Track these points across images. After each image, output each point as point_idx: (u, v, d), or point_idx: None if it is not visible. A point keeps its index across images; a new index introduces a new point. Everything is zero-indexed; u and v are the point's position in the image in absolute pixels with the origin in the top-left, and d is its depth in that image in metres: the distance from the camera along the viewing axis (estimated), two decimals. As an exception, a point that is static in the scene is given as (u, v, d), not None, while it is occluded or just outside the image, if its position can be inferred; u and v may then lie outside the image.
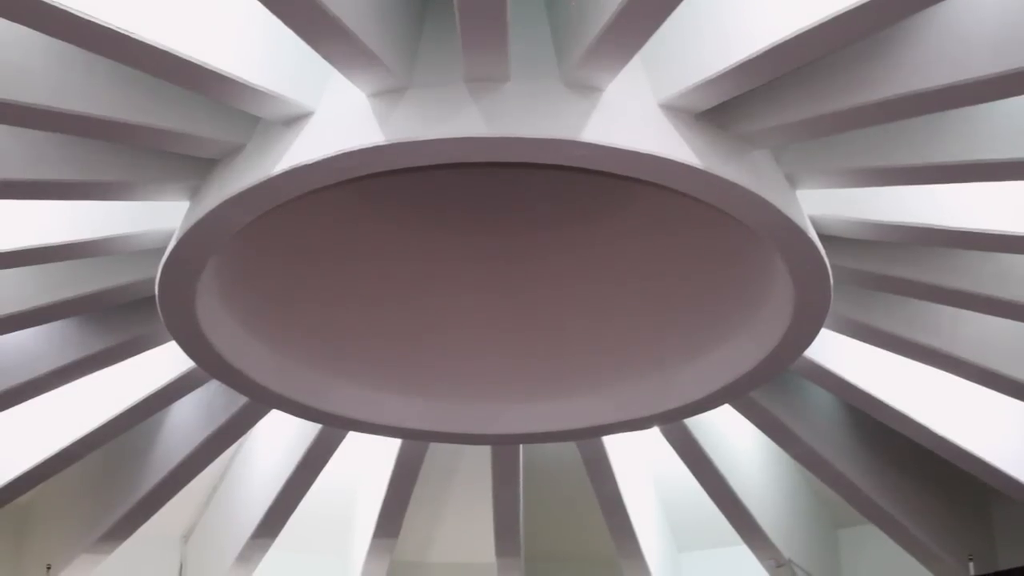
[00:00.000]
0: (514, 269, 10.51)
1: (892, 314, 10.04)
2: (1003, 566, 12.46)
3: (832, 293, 9.10)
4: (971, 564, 12.21)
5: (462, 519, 14.18)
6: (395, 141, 7.47)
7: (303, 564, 14.09)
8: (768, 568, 13.02)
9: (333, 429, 11.49)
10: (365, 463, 13.23)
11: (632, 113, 7.63)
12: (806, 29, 6.76)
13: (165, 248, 8.74)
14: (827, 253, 8.72)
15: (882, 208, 8.85)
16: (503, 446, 11.86)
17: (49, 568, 12.41)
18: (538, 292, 10.59)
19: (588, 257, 10.47)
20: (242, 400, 11.02)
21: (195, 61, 7.07)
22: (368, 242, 10.25)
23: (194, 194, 8.62)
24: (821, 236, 8.77)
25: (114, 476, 12.30)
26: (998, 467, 11.15)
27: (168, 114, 7.81)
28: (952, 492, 12.59)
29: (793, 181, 8.55)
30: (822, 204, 8.91)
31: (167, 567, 13.90)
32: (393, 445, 12.12)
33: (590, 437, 11.66)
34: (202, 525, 13.85)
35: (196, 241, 8.47)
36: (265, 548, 12.88)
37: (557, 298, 10.63)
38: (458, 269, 10.48)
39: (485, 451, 12.11)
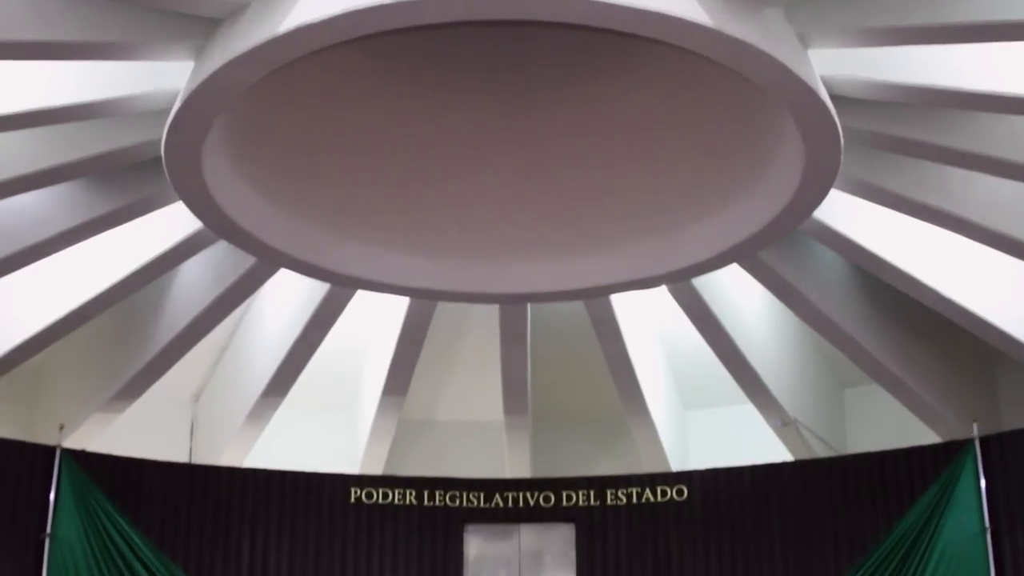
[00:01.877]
0: (522, 130, 10.43)
1: (902, 175, 9.98)
2: (1007, 427, 12.57)
3: (842, 154, 9.03)
4: (975, 425, 12.32)
5: (470, 377, 14.28)
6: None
7: (313, 422, 14.23)
8: (773, 427, 13.13)
9: (341, 288, 11.51)
10: (374, 322, 13.27)
11: (640, -29, 7.51)
12: None
13: (170, 109, 8.68)
14: (838, 113, 8.64)
15: (895, 69, 8.75)
16: (511, 305, 11.89)
17: (62, 428, 12.55)
18: (547, 152, 10.52)
19: (596, 116, 10.37)
20: (250, 260, 11.03)
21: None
22: (376, 102, 10.16)
23: (199, 54, 8.53)
24: (833, 96, 8.68)
25: (124, 337, 12.38)
26: (1004, 329, 11.18)
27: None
28: (958, 354, 12.64)
29: (805, 40, 8.43)
30: (834, 64, 8.80)
31: (178, 426, 14.06)
32: (401, 304, 12.16)
33: (598, 296, 11.68)
34: (212, 385, 13.97)
35: (201, 101, 8.40)
36: (275, 407, 12.99)
37: (565, 158, 10.55)
38: (466, 130, 10.40)
39: (493, 310, 12.15)
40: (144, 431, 13.38)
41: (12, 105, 8.77)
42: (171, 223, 10.77)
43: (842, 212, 10.57)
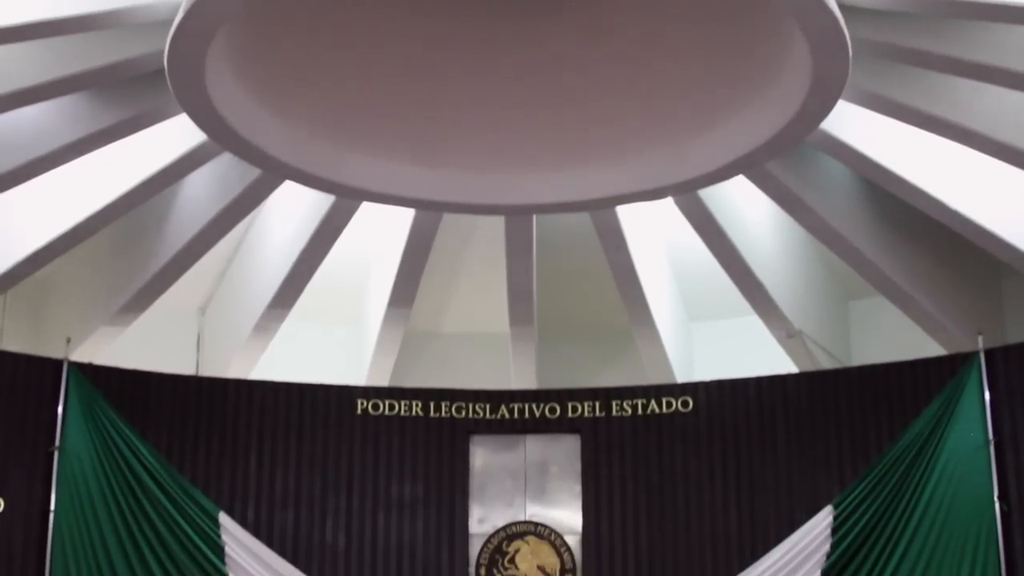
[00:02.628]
0: (527, 41, 10.31)
1: (911, 86, 9.91)
2: (1011, 340, 12.59)
3: (850, 64, 8.95)
4: (980, 338, 12.33)
5: (476, 289, 14.30)
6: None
7: (319, 334, 14.28)
8: (778, 338, 13.15)
9: (346, 200, 11.49)
10: (379, 235, 13.26)
11: None
12: None
13: (173, 19, 8.59)
14: (846, 23, 8.54)
15: (904, -23, 8.67)
16: (517, 216, 11.88)
17: (68, 341, 12.59)
18: (552, 64, 10.41)
19: (602, 27, 10.24)
20: (255, 172, 11.01)
21: None
22: (381, 17, 10.05)
23: (201, -37, 8.43)
24: (841, 6, 8.58)
25: (130, 250, 12.39)
26: (1010, 242, 11.16)
27: None
28: (964, 267, 12.63)
29: (813, -52, 8.33)
30: (842, -27, 8.71)
31: (185, 339, 14.11)
32: (407, 216, 12.14)
33: (604, 208, 11.65)
34: (218, 297, 14.00)
35: (204, 11, 8.30)
36: (281, 319, 13.03)
37: (572, 70, 10.44)
38: (471, 41, 10.28)
39: (499, 222, 12.13)
40: (151, 344, 13.44)
41: (14, 17, 8.70)
42: (175, 136, 10.73)
43: (850, 123, 10.51)
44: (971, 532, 12.09)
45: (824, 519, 12.48)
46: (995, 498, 12.05)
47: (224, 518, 12.66)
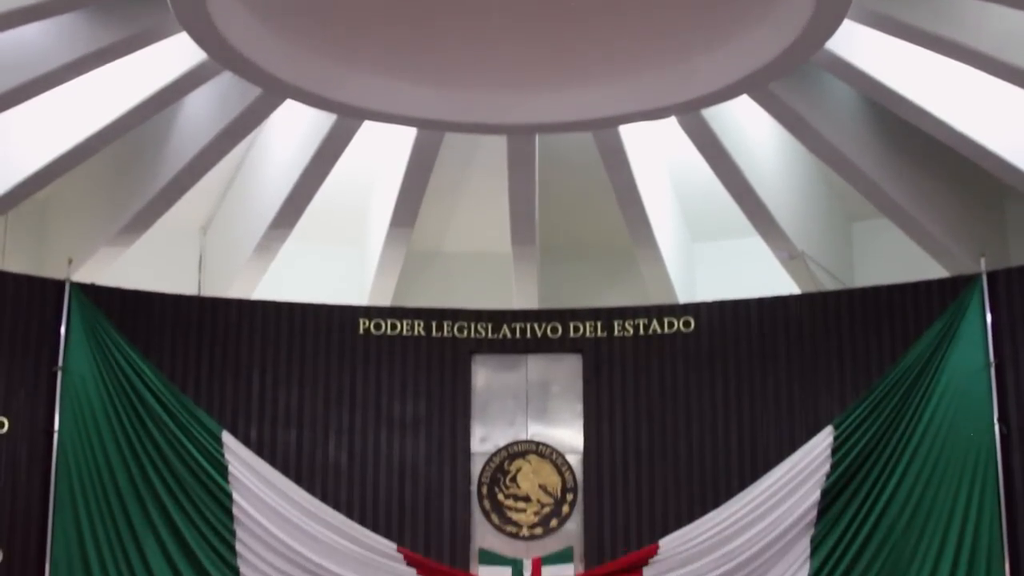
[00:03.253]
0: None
1: (917, 6, 9.82)
2: (1015, 263, 12.57)
3: (857, -17, 8.88)
4: (983, 260, 12.30)
5: (478, 209, 14.26)
6: None
7: (321, 254, 14.28)
8: (781, 260, 13.15)
9: (347, 119, 11.43)
10: (381, 154, 13.21)
11: None
12: None
13: (172, -63, 8.52)
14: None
15: None
16: (519, 136, 11.82)
17: (70, 262, 12.56)
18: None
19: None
20: (255, 91, 10.95)
21: None
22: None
23: None
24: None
25: (131, 170, 12.35)
26: (1014, 164, 11.12)
27: None
28: (968, 189, 12.59)
29: None
30: None
31: (186, 259, 14.11)
32: (408, 135, 12.09)
33: (606, 127, 11.61)
34: (220, 217, 13.97)
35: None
36: (283, 239, 13.02)
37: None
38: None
39: (501, 141, 12.08)
40: (152, 264, 13.45)
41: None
42: (175, 55, 10.66)
43: (855, 44, 10.43)
44: (970, 454, 12.15)
45: (824, 439, 12.53)
46: (995, 420, 12.09)
47: (227, 437, 12.71)
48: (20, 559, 12.13)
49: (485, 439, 13.44)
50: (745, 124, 12.11)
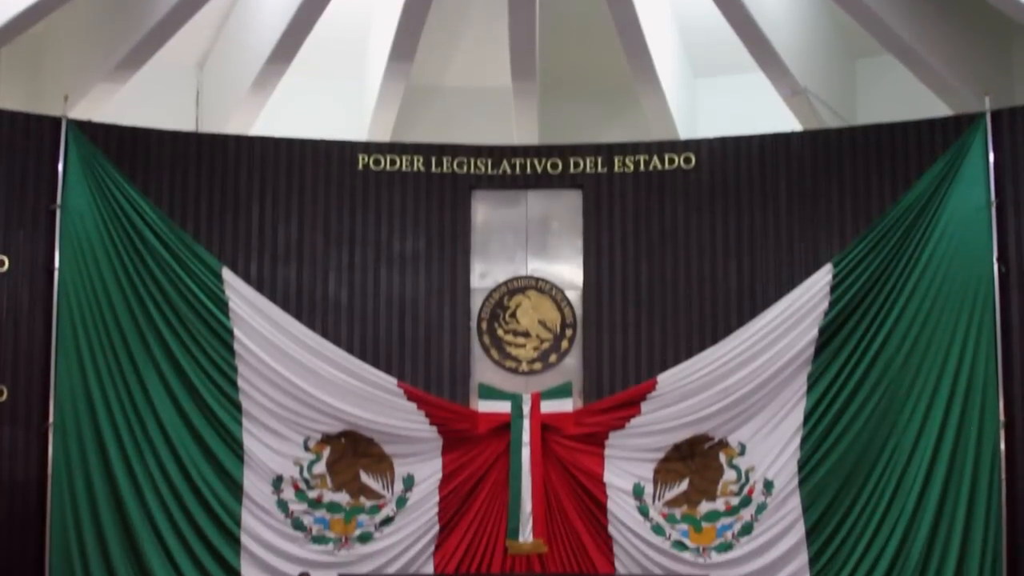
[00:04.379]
0: None
1: None
2: (1019, 102, 12.43)
3: None
4: (987, 98, 12.17)
5: (478, 43, 14.08)
6: None
7: (319, 89, 14.14)
8: (783, 96, 13.03)
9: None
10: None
11: None
12: None
13: None
14: None
15: None
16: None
17: (66, 99, 12.43)
18: None
19: None
20: (251, -79, 10.75)
21: None
22: None
23: None
24: None
25: (127, 4, 12.16)
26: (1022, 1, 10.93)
27: None
28: (974, 26, 12.39)
29: None
30: None
31: (183, 95, 13.97)
32: (408, -33, 11.90)
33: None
34: (217, 52, 13.80)
35: None
36: (280, 73, 12.88)
37: None
38: None
39: (502, -26, 11.91)
40: (149, 100, 13.32)
41: None
42: None
43: None
44: (968, 293, 12.21)
45: (823, 277, 12.56)
46: (994, 260, 12.13)
47: (227, 273, 12.74)
48: (24, 397, 12.29)
49: (485, 275, 13.47)
50: (749, -44, 11.90)
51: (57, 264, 12.35)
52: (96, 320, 12.47)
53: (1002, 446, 12.12)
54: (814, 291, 12.58)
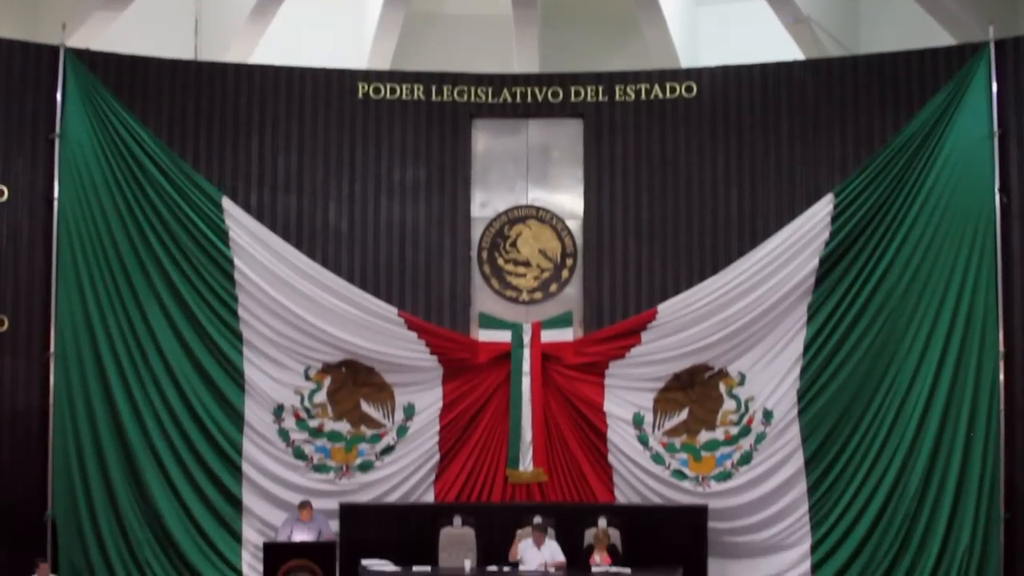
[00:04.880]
0: None
1: None
2: (1023, 32, 12.32)
3: None
4: (991, 28, 12.06)
5: (479, -31, 14.00)
6: None
7: (318, 17, 14.03)
8: (786, 24, 12.94)
9: None
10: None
11: None
12: None
13: None
14: None
15: None
16: None
17: (64, 27, 12.33)
18: None
19: None
20: None
21: None
22: None
23: None
24: None
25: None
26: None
27: None
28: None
29: None
30: None
31: (182, 23, 13.86)
32: None
33: None
34: (216, -23, 13.73)
35: None
36: (279, 1, 12.76)
37: None
38: None
39: None
40: (147, 29, 13.23)
41: None
42: None
43: None
44: (970, 223, 12.20)
45: (824, 207, 12.53)
46: (996, 190, 12.09)
47: (227, 203, 12.71)
48: (25, 327, 12.31)
49: (485, 204, 13.45)
50: None
51: (56, 194, 12.33)
52: (96, 250, 12.47)
53: (1001, 376, 12.16)
54: (815, 221, 12.56)
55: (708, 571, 12.31)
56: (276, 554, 11.38)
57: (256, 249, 12.68)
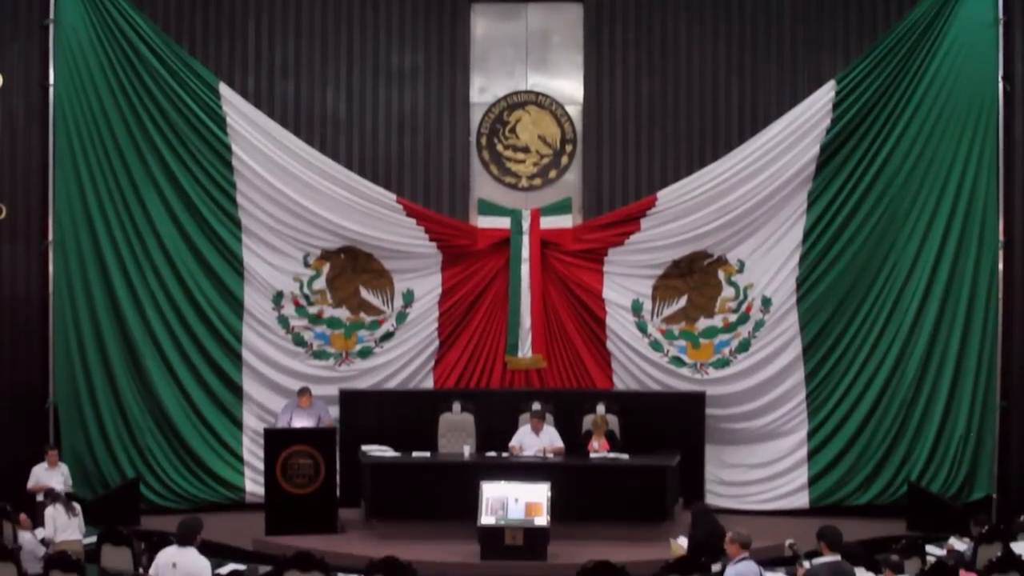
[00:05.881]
0: None
1: None
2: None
3: None
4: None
5: None
6: None
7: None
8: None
9: None
10: None
11: None
12: None
13: None
14: None
15: None
16: None
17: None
18: None
19: None
20: None
21: None
22: None
23: None
24: None
25: None
26: None
27: None
28: None
29: None
30: None
31: None
32: None
33: None
34: None
35: None
36: None
37: None
38: None
39: None
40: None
41: None
42: None
43: None
44: (972, 111, 12.16)
45: (826, 93, 12.41)
46: (999, 77, 12.02)
47: (224, 89, 12.59)
48: (23, 214, 12.31)
49: (484, 89, 13.34)
50: None
51: (52, 80, 12.24)
52: (93, 136, 12.40)
53: (1000, 265, 12.19)
54: (816, 108, 12.45)
55: (705, 457, 12.48)
56: (277, 440, 11.50)
57: (254, 135, 12.59)
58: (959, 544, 10.11)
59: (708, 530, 9.78)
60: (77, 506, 10.21)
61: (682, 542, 10.02)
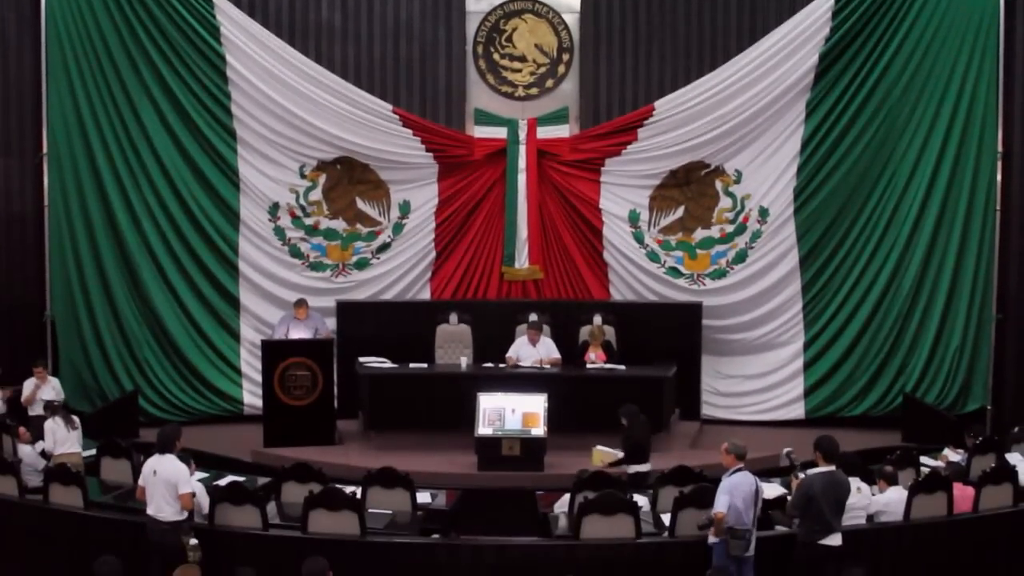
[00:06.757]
0: None
1: None
2: None
3: None
4: None
5: None
6: None
7: None
8: None
9: None
10: None
11: None
12: None
13: None
14: None
15: None
16: None
17: None
18: None
19: None
20: None
21: None
22: None
23: None
24: None
25: None
26: None
27: None
28: None
29: None
30: None
31: None
32: None
33: None
34: None
35: None
36: None
37: None
38: None
39: None
40: None
41: None
42: None
43: None
44: (973, 20, 12.15)
45: (825, 2, 12.27)
46: (1002, -12, 11.94)
47: (218, -3, 12.49)
48: (16, 128, 12.28)
49: (480, -3, 13.26)
50: None
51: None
52: (86, 47, 12.29)
53: (998, 177, 12.16)
54: (815, 16, 12.31)
55: (702, 368, 12.54)
56: (274, 352, 11.54)
57: (248, 45, 12.45)
58: (953, 455, 10.17)
59: (647, 431, 10.01)
60: (76, 419, 10.24)
61: (605, 449, 10.09)
